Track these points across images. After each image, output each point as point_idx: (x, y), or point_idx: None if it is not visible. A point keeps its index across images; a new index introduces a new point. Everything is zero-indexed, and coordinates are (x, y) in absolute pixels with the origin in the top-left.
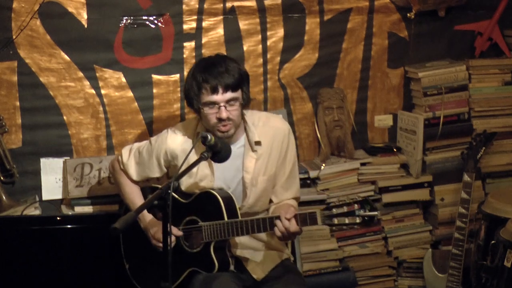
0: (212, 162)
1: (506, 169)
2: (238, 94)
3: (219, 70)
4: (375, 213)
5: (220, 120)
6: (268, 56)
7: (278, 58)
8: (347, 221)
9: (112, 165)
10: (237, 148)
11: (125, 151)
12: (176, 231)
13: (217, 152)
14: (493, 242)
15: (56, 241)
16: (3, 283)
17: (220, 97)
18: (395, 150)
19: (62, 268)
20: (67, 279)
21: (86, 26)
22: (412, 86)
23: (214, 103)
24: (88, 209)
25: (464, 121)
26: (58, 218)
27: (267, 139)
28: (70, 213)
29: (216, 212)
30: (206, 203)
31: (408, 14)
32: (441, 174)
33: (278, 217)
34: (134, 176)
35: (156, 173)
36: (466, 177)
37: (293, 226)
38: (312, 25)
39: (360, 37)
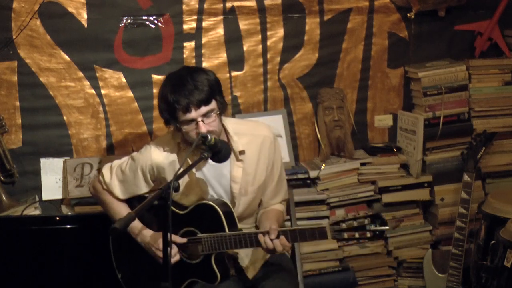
0: (195, 172)
1: (506, 169)
2: (212, 105)
3: (188, 88)
4: (386, 227)
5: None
6: (268, 56)
7: (278, 58)
8: (357, 235)
9: (93, 186)
10: None
11: (105, 171)
12: (179, 239)
13: (217, 152)
14: (493, 242)
15: (56, 241)
16: (3, 283)
17: (195, 114)
18: (395, 150)
19: (62, 268)
20: (67, 279)
21: (86, 26)
22: (412, 86)
23: (191, 120)
24: (88, 209)
25: (464, 121)
26: (58, 218)
27: (254, 147)
28: (70, 213)
29: (216, 224)
30: (204, 214)
31: (408, 14)
32: (441, 174)
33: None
34: (121, 195)
35: (143, 189)
36: (466, 177)
37: (277, 246)
38: (312, 25)
39: (360, 37)
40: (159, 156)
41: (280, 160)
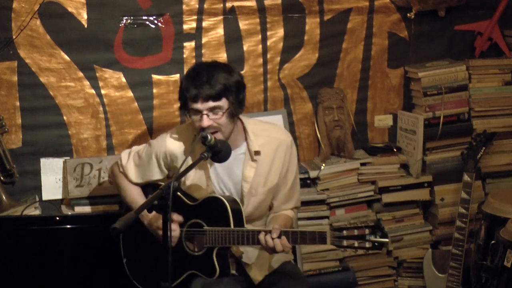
0: (209, 167)
1: (506, 169)
2: (222, 103)
3: (201, 80)
4: (386, 240)
5: (202, 128)
6: (268, 56)
7: (278, 58)
8: (356, 244)
9: (111, 170)
10: (237, 154)
11: (124, 154)
12: (176, 216)
13: (217, 152)
14: (493, 242)
15: (56, 241)
16: (3, 283)
17: (201, 105)
18: (395, 150)
19: (62, 268)
20: (67, 279)
21: (86, 26)
22: (412, 86)
23: (197, 111)
24: (88, 209)
25: (464, 121)
26: (57, 218)
27: (269, 150)
28: (70, 213)
29: (223, 219)
30: (213, 208)
31: (408, 14)
32: (441, 174)
33: (268, 232)
34: (134, 179)
35: (156, 175)
36: (466, 177)
37: (277, 245)
38: (312, 25)
39: (360, 37)
40: (173, 144)
41: (296, 166)
